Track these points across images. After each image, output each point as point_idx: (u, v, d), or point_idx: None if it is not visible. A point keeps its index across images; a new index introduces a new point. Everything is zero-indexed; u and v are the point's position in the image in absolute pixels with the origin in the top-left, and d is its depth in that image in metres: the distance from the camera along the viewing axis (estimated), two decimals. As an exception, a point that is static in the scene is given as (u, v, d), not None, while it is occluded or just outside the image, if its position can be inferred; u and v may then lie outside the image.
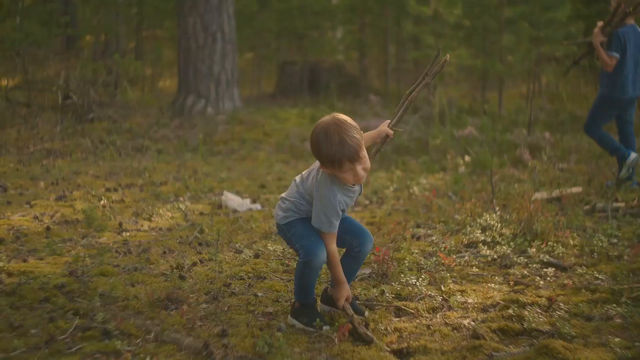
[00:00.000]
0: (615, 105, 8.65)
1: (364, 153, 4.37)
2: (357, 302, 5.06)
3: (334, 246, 4.56)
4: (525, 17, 14.72)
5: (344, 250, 4.88)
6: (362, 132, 4.43)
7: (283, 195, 4.77)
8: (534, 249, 6.28)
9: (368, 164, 4.44)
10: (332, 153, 4.28)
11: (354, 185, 4.51)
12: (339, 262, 4.62)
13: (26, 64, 13.38)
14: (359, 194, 4.71)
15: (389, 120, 4.96)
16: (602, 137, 8.83)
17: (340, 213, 4.50)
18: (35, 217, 7.28)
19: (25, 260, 5.88)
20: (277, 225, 4.78)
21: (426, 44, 16.05)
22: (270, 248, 6.53)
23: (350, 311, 4.63)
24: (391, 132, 4.90)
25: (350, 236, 4.84)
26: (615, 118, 8.83)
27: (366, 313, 4.88)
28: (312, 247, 4.55)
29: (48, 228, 6.88)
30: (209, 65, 14.92)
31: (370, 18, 20.61)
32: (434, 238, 6.87)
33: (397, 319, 4.86)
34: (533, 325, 4.54)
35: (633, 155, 8.64)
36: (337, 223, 4.50)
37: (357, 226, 4.85)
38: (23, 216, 7.31)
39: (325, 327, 4.64)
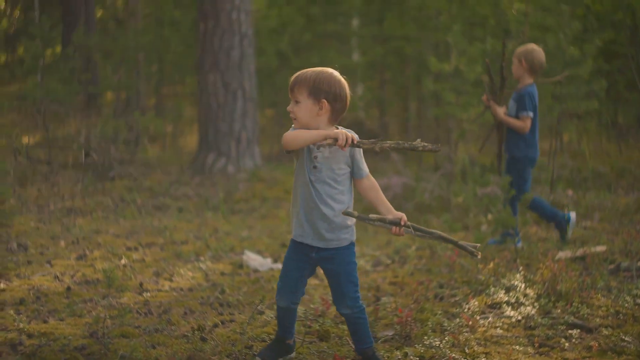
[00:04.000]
0: (533, 165, 8.62)
1: (303, 100, 5.10)
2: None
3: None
4: (546, 74, 14.72)
5: None
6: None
7: None
8: (559, 310, 6.22)
9: (299, 117, 5.05)
10: None
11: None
12: (303, 132, 5.02)
13: (47, 121, 13.45)
14: (325, 163, 5.17)
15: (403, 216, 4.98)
16: (544, 206, 8.82)
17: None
18: (56, 277, 7.27)
19: (45, 321, 5.87)
20: None
21: (447, 101, 16.03)
22: (292, 309, 6.48)
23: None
24: (405, 221, 4.92)
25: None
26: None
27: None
28: (278, 289, 5.01)
29: (68, 288, 6.87)
30: (229, 123, 14.93)
31: (390, 75, 20.66)
32: (457, 298, 6.81)
33: (422, 382, 4.81)
34: (560, 389, 4.48)
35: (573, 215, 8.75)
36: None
37: (335, 287, 5.00)
38: (43, 276, 7.30)
39: None
